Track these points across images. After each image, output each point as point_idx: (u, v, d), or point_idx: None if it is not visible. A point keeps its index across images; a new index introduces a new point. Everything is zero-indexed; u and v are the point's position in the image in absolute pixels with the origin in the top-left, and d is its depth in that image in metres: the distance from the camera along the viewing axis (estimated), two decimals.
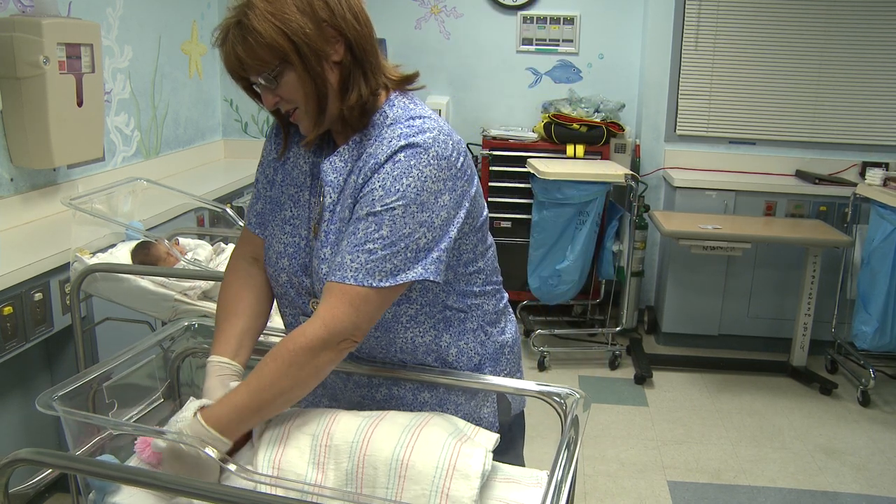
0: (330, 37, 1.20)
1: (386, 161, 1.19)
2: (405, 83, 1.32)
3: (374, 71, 1.26)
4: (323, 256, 1.26)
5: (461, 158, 1.25)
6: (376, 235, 1.17)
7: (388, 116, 1.26)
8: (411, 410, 1.33)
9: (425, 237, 1.19)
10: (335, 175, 1.27)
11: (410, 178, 1.18)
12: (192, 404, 1.21)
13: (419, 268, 1.19)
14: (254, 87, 1.26)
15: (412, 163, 1.18)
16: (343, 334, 1.18)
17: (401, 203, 1.17)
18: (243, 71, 1.22)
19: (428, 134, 1.21)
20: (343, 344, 1.19)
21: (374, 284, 1.17)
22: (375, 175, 1.20)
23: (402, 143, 1.19)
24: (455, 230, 1.23)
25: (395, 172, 1.18)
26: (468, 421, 1.35)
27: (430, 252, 1.20)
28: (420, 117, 1.24)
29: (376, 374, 1.35)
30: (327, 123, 1.27)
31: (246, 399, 1.17)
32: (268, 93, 1.23)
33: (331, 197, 1.27)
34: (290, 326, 1.40)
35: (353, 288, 1.17)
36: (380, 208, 1.17)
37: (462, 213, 1.25)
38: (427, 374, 1.33)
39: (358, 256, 1.17)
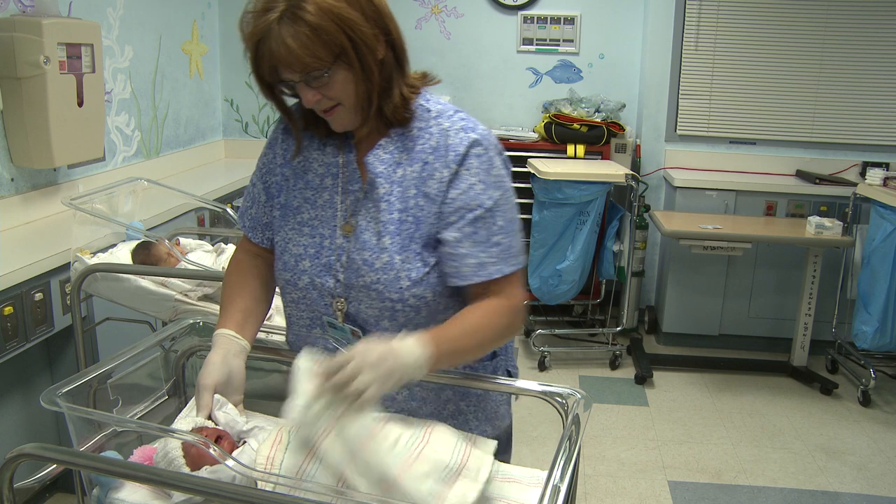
0: (376, 34, 1.21)
1: (467, 154, 1.26)
2: (425, 80, 1.35)
3: (408, 69, 1.30)
4: (383, 246, 1.26)
5: None
6: (496, 228, 1.27)
7: (430, 110, 1.31)
8: (432, 405, 1.35)
9: (517, 217, 1.32)
10: (384, 167, 1.29)
11: (496, 169, 1.28)
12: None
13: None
14: (278, 85, 1.23)
15: (490, 155, 1.28)
16: (522, 308, 1.30)
17: (499, 193, 1.28)
18: (288, 66, 1.17)
19: (480, 127, 1.30)
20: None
21: (514, 269, 1.28)
22: (464, 168, 1.26)
23: (474, 136, 1.28)
24: None
25: (484, 166, 1.27)
26: (485, 413, 1.40)
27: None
28: (458, 111, 1.33)
29: None
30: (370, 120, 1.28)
31: (459, 335, 1.22)
32: (307, 90, 1.21)
33: (384, 188, 1.28)
34: (304, 329, 1.38)
35: (503, 279, 1.27)
36: (490, 204, 1.26)
37: None
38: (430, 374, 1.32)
39: (492, 252, 1.26)
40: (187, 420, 1.25)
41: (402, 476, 1.06)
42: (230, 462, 1.10)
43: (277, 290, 1.52)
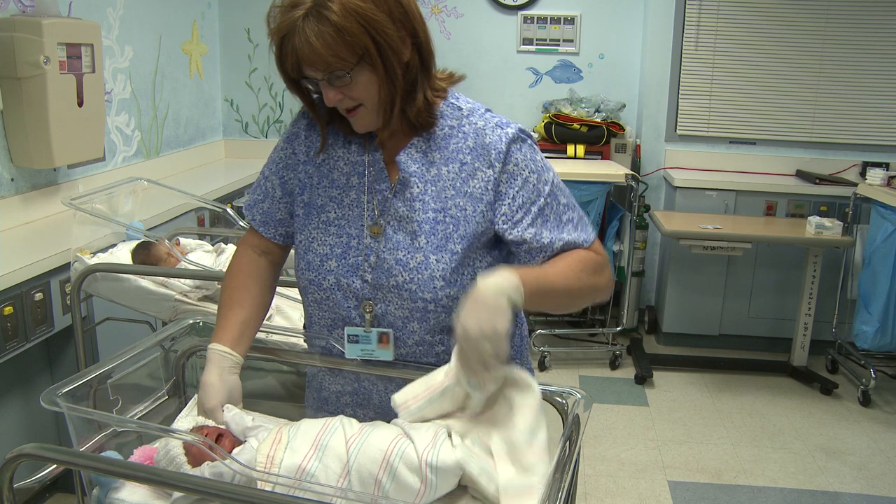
0: (403, 37, 1.20)
1: (509, 149, 1.28)
2: (451, 80, 1.36)
3: (434, 71, 1.29)
4: (418, 245, 1.26)
5: None
6: (562, 207, 1.31)
7: (460, 108, 1.32)
8: None
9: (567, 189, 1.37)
10: (417, 166, 1.29)
11: (538, 155, 1.32)
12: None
13: None
14: (303, 81, 1.22)
15: (529, 143, 1.31)
16: (608, 265, 1.33)
17: (550, 175, 1.31)
18: (311, 64, 1.17)
19: (512, 122, 1.32)
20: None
21: (594, 235, 1.33)
22: (511, 164, 1.27)
23: (511, 131, 1.29)
24: None
25: (529, 155, 1.29)
26: None
27: None
28: (488, 109, 1.34)
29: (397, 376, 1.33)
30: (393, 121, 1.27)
31: (543, 267, 1.25)
32: (330, 89, 1.20)
33: (418, 187, 1.28)
34: (325, 330, 1.37)
35: (589, 247, 1.31)
36: (548, 189, 1.30)
37: None
38: None
39: (569, 228, 1.30)
40: (188, 419, 1.25)
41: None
42: (229, 461, 1.10)
43: (277, 289, 1.52)
